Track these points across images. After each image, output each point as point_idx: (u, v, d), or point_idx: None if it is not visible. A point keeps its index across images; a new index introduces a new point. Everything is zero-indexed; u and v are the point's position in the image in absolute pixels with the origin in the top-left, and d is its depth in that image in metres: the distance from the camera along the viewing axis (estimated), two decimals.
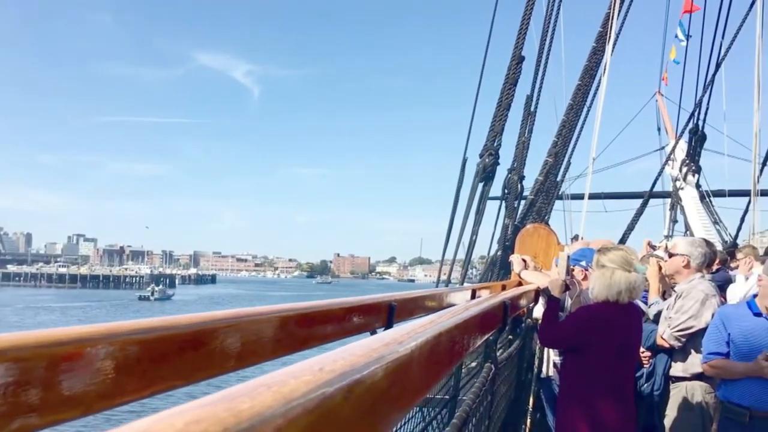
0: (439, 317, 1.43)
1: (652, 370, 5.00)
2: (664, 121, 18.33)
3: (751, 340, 4.31)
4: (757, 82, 11.26)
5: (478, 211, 7.51)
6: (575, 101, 8.92)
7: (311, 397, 0.57)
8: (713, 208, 15.20)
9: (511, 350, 3.51)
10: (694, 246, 5.22)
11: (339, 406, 0.65)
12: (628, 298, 4.07)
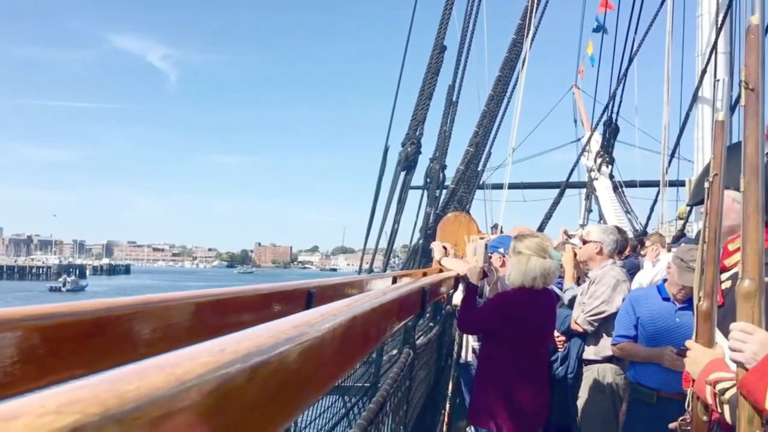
0: (355, 301, 1.41)
1: (566, 354, 5.16)
2: (580, 113, 18.97)
3: (658, 322, 4.50)
4: (667, 77, 11.76)
5: (400, 199, 7.56)
6: (496, 92, 9.07)
7: (208, 378, 0.54)
8: (625, 198, 15.81)
9: (431, 336, 3.55)
10: (607, 233, 5.42)
11: (241, 388, 0.62)
12: (543, 284, 4.18)
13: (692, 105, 11.21)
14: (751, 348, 1.83)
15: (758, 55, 1.85)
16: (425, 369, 3.54)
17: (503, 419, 3.98)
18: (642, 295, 4.77)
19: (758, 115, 1.84)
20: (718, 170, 2.30)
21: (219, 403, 0.56)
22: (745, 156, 1.87)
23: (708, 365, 2.16)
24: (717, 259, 2.34)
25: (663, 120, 12.15)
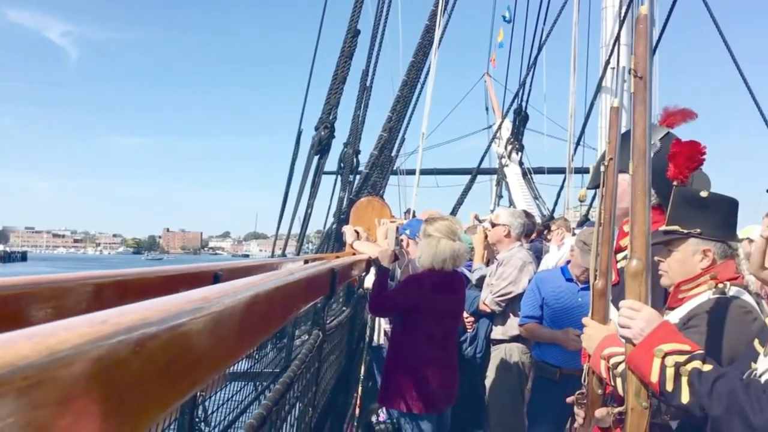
0: (260, 279, 1.40)
1: (475, 334, 5.31)
2: (492, 101, 19.37)
3: (562, 302, 4.69)
4: (573, 67, 12.18)
5: (313, 184, 7.51)
6: (409, 78, 9.14)
7: (86, 349, 0.53)
8: (534, 185, 16.31)
9: (342, 318, 3.56)
10: (515, 217, 5.59)
11: (125, 361, 0.60)
12: (453, 266, 4.27)
13: (596, 94, 11.66)
14: (638, 324, 1.93)
15: (646, 44, 1.94)
16: (336, 351, 3.55)
17: (413, 399, 4.05)
18: (547, 277, 4.96)
19: (646, 102, 1.93)
20: (613, 155, 2.41)
21: (99, 375, 0.55)
22: (633, 141, 1.96)
23: (602, 341, 2.27)
24: (612, 239, 2.46)
25: (569, 109, 12.59)
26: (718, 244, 2.57)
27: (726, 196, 2.68)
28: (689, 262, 2.58)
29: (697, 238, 2.55)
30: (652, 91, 1.96)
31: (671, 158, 2.74)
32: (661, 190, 2.88)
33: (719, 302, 2.45)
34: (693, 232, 2.55)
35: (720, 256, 2.57)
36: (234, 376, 3.13)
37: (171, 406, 0.76)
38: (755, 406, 1.65)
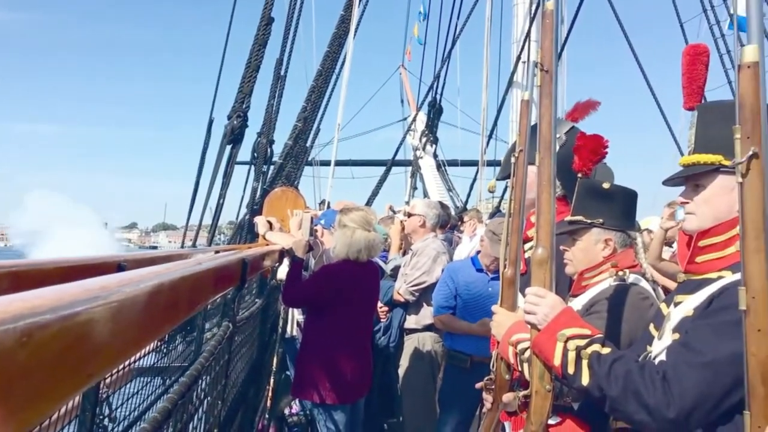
0: (165, 269, 1.34)
1: (388, 324, 5.34)
2: (407, 93, 19.55)
3: (473, 291, 4.79)
4: (486, 62, 12.46)
5: (225, 174, 7.34)
6: (324, 67, 9.05)
7: None
8: (448, 177, 16.58)
9: (253, 310, 3.50)
10: (430, 207, 5.67)
11: (10, 351, 0.56)
12: (367, 256, 4.28)
13: (508, 89, 11.97)
14: (543, 310, 1.98)
15: (552, 38, 1.99)
16: (247, 344, 3.49)
17: (326, 390, 4.04)
18: (458, 267, 5.05)
19: (552, 95, 1.99)
20: (523, 146, 2.47)
21: None
22: (540, 133, 2.01)
23: (511, 328, 2.32)
24: (521, 229, 2.52)
25: (482, 102, 12.88)
26: (619, 234, 2.68)
27: (626, 188, 2.80)
28: (592, 251, 2.68)
29: (599, 227, 2.66)
30: (558, 86, 2.01)
31: (576, 151, 2.83)
32: (567, 182, 2.98)
33: (619, 289, 2.55)
34: (596, 222, 2.65)
35: (620, 245, 2.68)
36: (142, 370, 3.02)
37: (64, 399, 0.72)
38: (649, 387, 1.73)
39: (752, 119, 1.15)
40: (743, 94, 1.16)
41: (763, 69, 1.16)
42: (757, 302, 1.17)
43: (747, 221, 1.17)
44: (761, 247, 1.16)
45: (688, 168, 1.95)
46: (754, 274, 1.17)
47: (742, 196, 1.18)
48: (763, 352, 1.17)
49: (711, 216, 1.88)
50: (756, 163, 1.15)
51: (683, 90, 2.03)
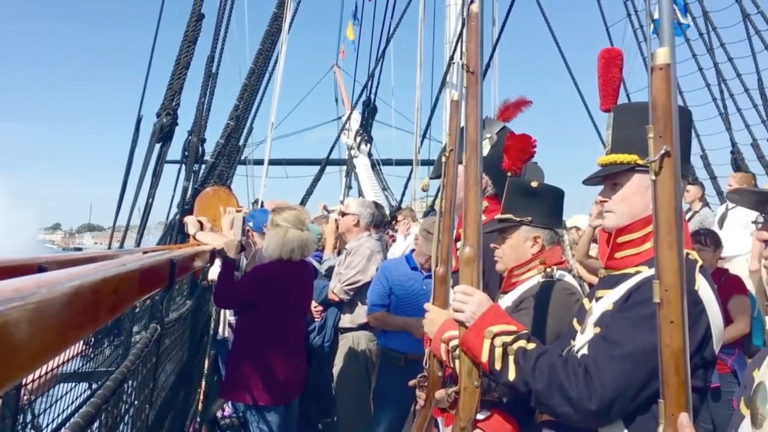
0: (86, 270, 1.30)
1: (323, 323, 5.32)
2: (341, 92, 19.52)
3: (407, 289, 4.81)
4: (419, 62, 12.54)
5: (154, 173, 7.15)
6: (257, 65, 8.94)
7: None
8: (382, 176, 16.65)
9: (183, 311, 3.42)
10: (364, 206, 5.67)
11: None
12: (301, 256, 4.25)
13: (441, 89, 12.11)
14: (470, 308, 2.00)
15: (477, 40, 2.02)
16: (177, 346, 3.41)
17: (259, 391, 4.00)
18: (392, 265, 5.07)
19: (478, 97, 2.01)
20: (454, 146, 2.50)
21: None
22: (466, 134, 2.03)
23: (443, 325, 2.34)
24: (452, 227, 2.55)
25: (416, 102, 12.98)
26: (547, 231, 2.75)
27: (554, 187, 2.88)
28: (521, 248, 2.74)
29: (528, 225, 2.72)
30: (490, 88, 2.05)
31: (505, 150, 2.89)
32: (498, 181, 3.03)
33: (547, 285, 2.62)
34: (525, 220, 2.71)
35: (548, 242, 2.75)
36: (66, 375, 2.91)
37: None
38: (572, 380, 1.77)
39: (664, 119, 1.20)
40: (655, 95, 1.21)
41: (674, 71, 1.21)
42: (670, 295, 1.21)
43: (660, 217, 1.22)
44: (674, 242, 1.21)
45: (606, 168, 2.02)
46: (667, 268, 1.22)
47: (656, 194, 1.23)
48: (676, 343, 1.22)
49: (628, 213, 1.95)
50: (668, 161, 1.20)
51: (599, 92, 2.10)
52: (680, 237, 1.22)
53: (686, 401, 1.22)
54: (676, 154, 1.20)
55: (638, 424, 1.75)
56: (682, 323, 1.22)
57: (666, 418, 1.23)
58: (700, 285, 1.80)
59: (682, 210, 1.23)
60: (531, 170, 3.34)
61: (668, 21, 1.20)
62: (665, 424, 1.23)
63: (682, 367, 1.22)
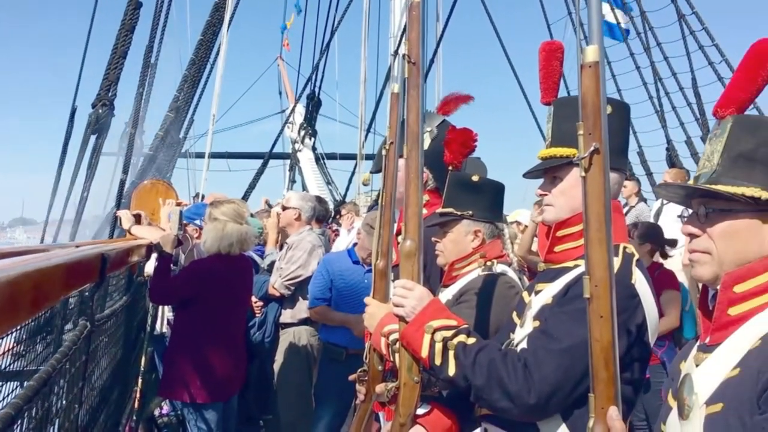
0: (3, 264, 1.23)
1: (263, 319, 5.25)
2: (285, 85, 19.31)
3: (349, 283, 4.79)
4: (364, 56, 12.53)
5: (90, 166, 6.95)
6: (198, 56, 8.78)
7: None
8: (327, 170, 16.57)
9: (116, 308, 3.32)
10: (306, 200, 5.61)
11: None
12: (240, 250, 4.19)
13: (386, 83, 12.11)
14: (410, 303, 1.99)
15: (419, 30, 2.01)
16: (110, 343, 3.31)
17: (197, 388, 3.93)
18: (334, 258, 5.05)
19: (419, 87, 2.00)
20: (394, 139, 2.49)
21: None
22: (408, 126, 2.02)
23: (383, 319, 2.32)
24: (393, 221, 2.54)
25: (360, 96, 12.96)
26: (488, 225, 2.77)
27: (494, 181, 2.90)
28: (462, 242, 2.75)
29: (469, 219, 2.73)
30: (432, 83, 2.05)
31: (446, 144, 2.89)
32: (439, 175, 3.04)
33: (487, 279, 2.63)
34: (465, 213, 2.72)
35: (489, 236, 2.77)
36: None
37: None
38: (511, 374, 1.78)
39: (593, 116, 1.21)
40: (585, 92, 1.22)
41: (603, 68, 1.22)
42: (600, 290, 1.23)
43: (590, 213, 1.23)
44: (603, 239, 1.22)
45: (546, 161, 2.02)
46: (597, 263, 1.23)
47: (585, 190, 1.24)
48: (605, 337, 1.23)
49: (567, 207, 1.96)
50: (597, 158, 1.21)
51: (540, 85, 2.11)
52: (609, 233, 1.23)
53: (615, 395, 1.24)
54: (605, 151, 1.21)
55: (575, 417, 1.77)
56: (611, 318, 1.23)
57: (596, 411, 1.24)
58: (637, 278, 1.83)
59: (611, 206, 1.25)
60: (473, 165, 3.36)
61: (597, 19, 1.21)
62: (595, 417, 1.24)
63: (611, 361, 1.24)
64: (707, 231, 1.44)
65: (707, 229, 1.44)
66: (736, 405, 1.25)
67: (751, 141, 1.39)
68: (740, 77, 1.46)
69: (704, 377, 1.37)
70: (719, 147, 1.43)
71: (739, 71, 1.46)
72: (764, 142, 1.38)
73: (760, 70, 1.43)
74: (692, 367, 1.43)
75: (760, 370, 1.23)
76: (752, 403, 1.22)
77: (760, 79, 1.43)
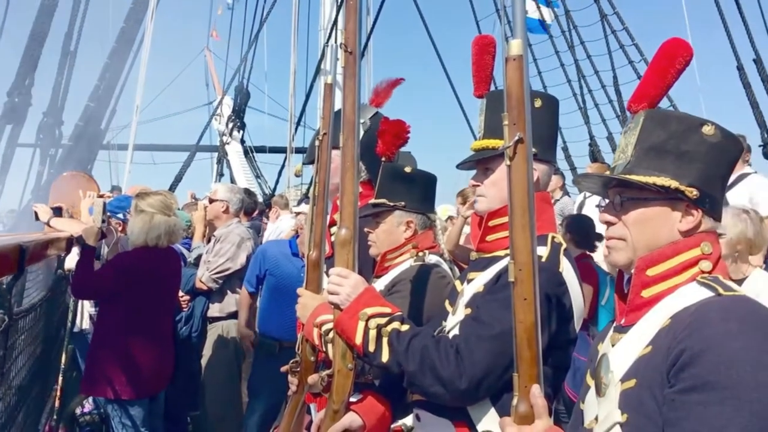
0: None
1: (190, 313, 5.15)
2: (212, 76, 18.96)
3: (285, 273, 4.75)
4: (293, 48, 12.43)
5: (5, 157, 6.68)
6: (120, 45, 8.49)
7: None
8: (256, 163, 16.36)
9: (35, 302, 3.19)
10: (233, 193, 5.53)
11: None
12: (168, 242, 4.10)
13: (316, 76, 12.04)
14: (345, 290, 2.01)
15: (356, 20, 2.02)
16: (29, 339, 3.18)
17: (121, 384, 3.83)
18: (273, 248, 5.03)
19: (356, 77, 2.01)
20: (327, 129, 2.49)
21: None
22: (344, 115, 2.03)
23: (316, 309, 2.33)
24: (325, 212, 2.54)
25: (290, 88, 12.85)
26: (420, 216, 2.80)
27: (426, 172, 2.93)
28: (395, 233, 2.77)
29: (401, 210, 2.76)
30: (365, 74, 2.06)
31: (380, 135, 2.91)
32: (372, 166, 3.06)
33: (419, 269, 2.67)
34: (398, 204, 2.75)
35: (421, 226, 2.80)
36: None
37: None
38: (443, 360, 1.82)
39: (517, 107, 1.26)
40: (510, 84, 1.27)
41: (527, 61, 1.27)
42: (524, 273, 1.28)
43: (514, 200, 1.28)
44: (526, 224, 1.27)
45: (478, 153, 2.07)
46: (521, 248, 1.28)
47: (510, 178, 1.29)
48: (529, 319, 1.29)
49: (499, 197, 2.00)
50: (521, 147, 1.26)
51: (473, 78, 2.15)
52: (533, 219, 1.29)
53: (538, 374, 1.29)
54: (529, 141, 1.26)
55: (504, 401, 1.81)
56: (534, 300, 1.29)
57: (519, 390, 1.29)
58: (564, 267, 1.91)
59: (534, 193, 1.30)
60: (404, 158, 3.39)
61: (521, 15, 1.26)
62: (519, 396, 1.30)
63: (534, 342, 1.29)
64: (622, 219, 1.51)
65: (622, 216, 1.51)
66: (649, 380, 1.32)
67: (662, 134, 1.47)
68: (652, 74, 1.54)
69: (619, 356, 1.44)
70: (633, 140, 1.51)
71: (651, 68, 1.55)
72: (673, 134, 1.46)
73: (670, 67, 1.51)
74: (609, 347, 1.50)
75: (669, 347, 1.30)
76: (663, 378, 1.29)
77: (670, 75, 1.51)
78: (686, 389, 1.24)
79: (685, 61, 1.51)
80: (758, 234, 3.35)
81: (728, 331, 1.25)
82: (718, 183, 1.49)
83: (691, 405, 1.23)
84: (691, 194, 1.43)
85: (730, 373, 1.20)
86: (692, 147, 1.45)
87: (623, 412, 1.35)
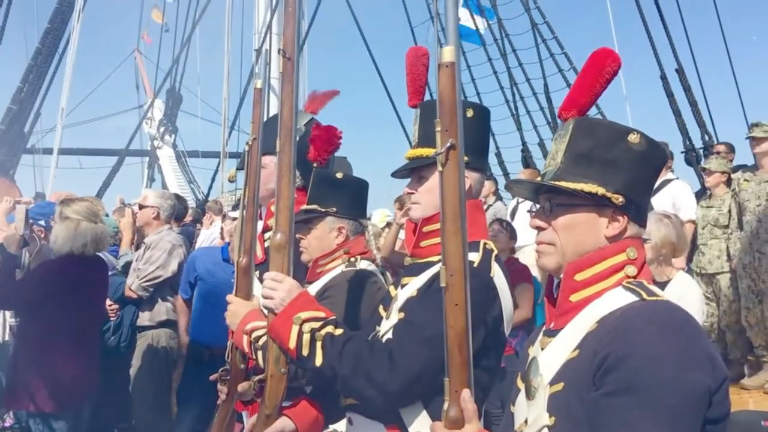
0: None
1: (119, 322, 5.00)
2: (143, 79, 18.52)
3: (217, 280, 4.68)
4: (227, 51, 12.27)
5: None
6: (45, 45, 8.20)
7: None
8: (188, 168, 16.08)
9: None
10: (164, 198, 5.40)
11: None
12: (94, 250, 3.99)
13: (250, 80, 11.92)
14: (280, 295, 2.00)
15: (294, 26, 2.02)
16: None
17: (44, 397, 3.69)
18: (204, 254, 4.97)
19: (293, 82, 2.01)
20: (257, 134, 2.47)
21: None
22: (281, 119, 2.03)
23: (246, 316, 2.31)
24: (255, 218, 2.52)
25: (223, 92, 12.69)
26: (351, 222, 2.81)
27: (358, 178, 2.95)
28: (326, 239, 2.77)
29: (333, 216, 2.76)
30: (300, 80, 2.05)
31: (312, 141, 2.91)
32: (305, 173, 3.05)
33: (351, 275, 2.67)
34: (330, 210, 2.75)
35: (352, 232, 2.81)
36: None
37: None
38: (377, 364, 1.83)
39: (449, 114, 1.27)
40: (442, 90, 1.28)
41: (458, 68, 1.29)
42: (455, 279, 1.29)
43: (446, 206, 1.29)
44: (458, 230, 1.29)
45: (413, 161, 2.10)
46: (452, 254, 1.30)
47: (442, 184, 1.30)
48: (460, 324, 1.30)
49: (433, 205, 2.03)
50: (453, 153, 1.27)
51: (407, 89, 2.18)
52: (464, 225, 1.30)
53: (468, 378, 1.31)
54: (461, 147, 1.28)
55: (436, 403, 1.83)
56: (465, 306, 1.30)
57: (450, 395, 1.31)
58: (495, 272, 1.95)
59: (465, 200, 1.32)
60: (339, 164, 3.39)
61: (453, 23, 1.28)
62: (450, 400, 1.31)
63: (465, 346, 1.30)
64: (552, 224, 1.55)
65: (552, 222, 1.55)
66: (576, 384, 1.36)
67: (590, 141, 1.51)
68: (581, 82, 1.59)
69: (548, 359, 1.47)
70: (562, 147, 1.55)
71: (581, 77, 1.59)
72: (601, 142, 1.51)
73: (599, 76, 1.56)
74: (538, 350, 1.53)
75: (595, 351, 1.34)
76: (588, 382, 1.33)
77: (599, 84, 1.56)
78: (610, 393, 1.28)
79: (613, 71, 1.55)
80: (681, 237, 3.55)
81: (650, 336, 1.29)
82: (643, 190, 1.54)
83: (613, 408, 1.26)
84: (617, 201, 1.47)
85: (652, 376, 1.25)
86: (619, 155, 1.49)
87: (551, 415, 1.38)
